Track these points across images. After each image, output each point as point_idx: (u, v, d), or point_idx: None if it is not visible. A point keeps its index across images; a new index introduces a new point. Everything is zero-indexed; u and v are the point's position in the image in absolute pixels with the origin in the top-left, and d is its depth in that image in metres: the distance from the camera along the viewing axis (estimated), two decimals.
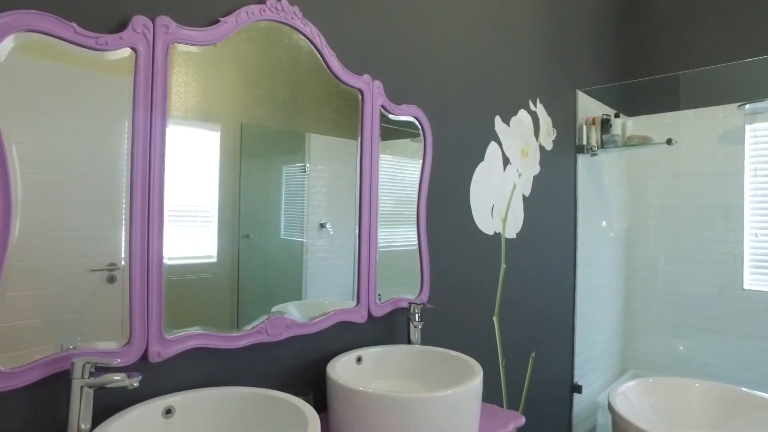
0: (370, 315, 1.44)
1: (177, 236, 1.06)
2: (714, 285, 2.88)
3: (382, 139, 1.50)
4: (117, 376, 0.85)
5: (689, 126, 2.97)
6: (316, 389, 1.32)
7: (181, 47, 1.05)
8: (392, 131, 1.55)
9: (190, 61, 1.07)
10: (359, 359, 1.33)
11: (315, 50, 1.31)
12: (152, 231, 1.00)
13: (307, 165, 1.31)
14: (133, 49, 0.98)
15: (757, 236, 2.78)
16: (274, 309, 1.23)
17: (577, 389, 2.62)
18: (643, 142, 2.63)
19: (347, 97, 1.39)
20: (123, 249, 0.97)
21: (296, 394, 1.19)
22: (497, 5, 2.01)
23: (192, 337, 1.07)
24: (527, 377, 2.23)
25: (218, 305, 1.13)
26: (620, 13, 3.15)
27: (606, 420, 2.76)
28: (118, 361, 0.89)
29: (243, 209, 1.17)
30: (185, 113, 1.07)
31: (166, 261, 1.03)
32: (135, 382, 0.85)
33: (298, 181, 1.29)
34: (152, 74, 1.00)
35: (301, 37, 1.27)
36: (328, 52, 1.32)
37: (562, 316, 2.53)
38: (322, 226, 1.34)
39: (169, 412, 0.98)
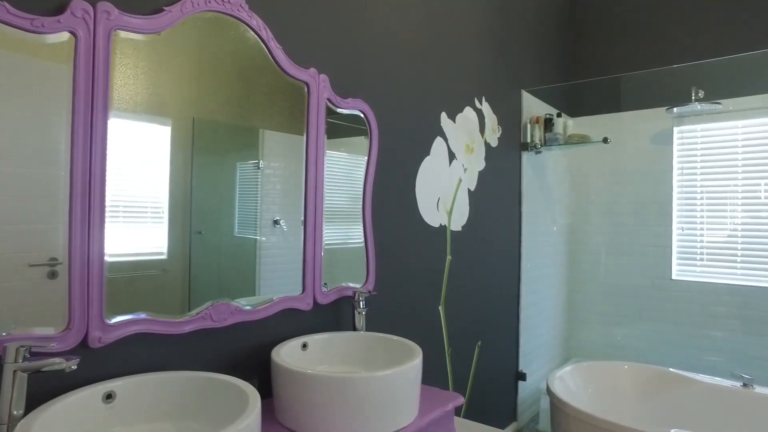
0: (315, 303, 1.47)
1: (124, 232, 1.06)
2: (647, 276, 3.08)
3: (338, 137, 1.55)
4: (54, 360, 0.85)
5: (626, 127, 3.15)
6: (261, 375, 1.35)
7: (124, 35, 1.05)
8: (347, 129, 1.59)
9: (136, 51, 1.07)
10: (305, 345, 1.37)
11: (261, 43, 1.33)
12: (93, 225, 1.00)
13: (261, 162, 1.33)
14: (72, 33, 0.97)
15: (683, 230, 2.98)
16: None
17: (522, 377, 2.74)
18: (582, 140, 2.78)
19: (296, 92, 1.42)
20: (64, 244, 0.97)
21: (242, 379, 1.21)
22: (444, 5, 2.09)
23: (135, 322, 1.07)
24: (473, 365, 2.32)
25: (168, 299, 1.13)
26: (564, 18, 3.31)
27: (548, 405, 2.90)
28: (53, 345, 0.90)
29: (195, 206, 1.18)
30: (134, 105, 1.07)
31: (108, 257, 1.03)
32: (73, 365, 0.85)
33: (252, 178, 1.31)
34: (93, 61, 1.00)
35: (248, 29, 1.29)
36: (274, 45, 1.35)
37: (508, 307, 2.64)
38: (276, 222, 1.37)
39: (109, 397, 0.99)
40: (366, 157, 1.67)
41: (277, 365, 1.18)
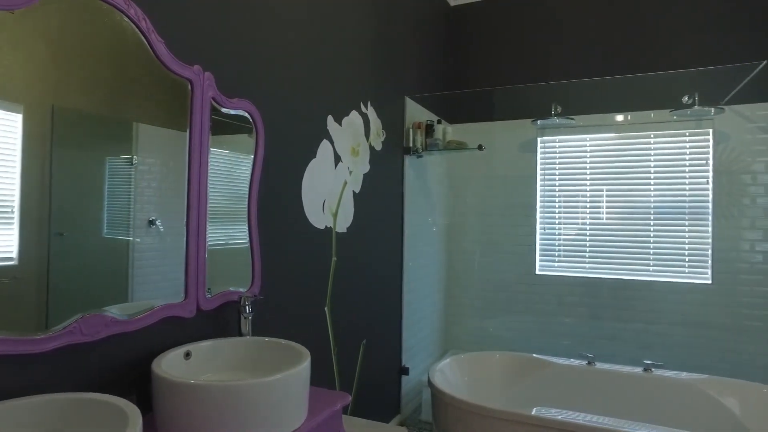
0: (199, 309, 1.42)
1: None
2: (515, 272, 3.39)
3: (221, 134, 1.49)
4: None
5: (498, 135, 3.44)
6: (141, 390, 1.27)
7: None
8: (230, 126, 1.54)
9: None
10: (188, 354, 1.31)
11: (140, 34, 1.25)
12: None
13: (135, 157, 1.24)
14: None
15: (545, 230, 3.34)
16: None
17: (405, 371, 2.87)
18: (460, 146, 2.98)
19: (178, 88, 1.35)
20: None
21: (118, 396, 1.13)
22: (331, 11, 2.11)
23: None
24: (358, 363, 2.38)
25: (21, 312, 1.01)
26: (444, 33, 3.51)
27: (429, 397, 3.07)
28: None
29: (55, 204, 1.06)
30: None
31: None
32: None
33: (124, 175, 1.21)
34: None
35: (125, 18, 1.21)
36: (155, 38, 1.27)
37: (391, 305, 2.75)
38: (152, 223, 1.29)
39: None
40: (250, 156, 1.64)
41: (157, 377, 1.12)
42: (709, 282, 2.93)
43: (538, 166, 3.35)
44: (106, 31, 1.17)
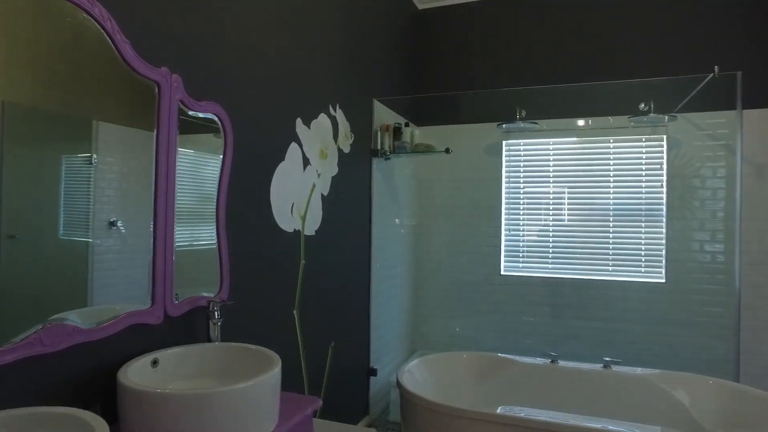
0: (166, 315, 1.39)
1: None
2: (481, 272, 3.45)
3: (184, 133, 1.46)
4: None
5: (464, 138, 3.50)
6: (107, 399, 1.23)
7: None
8: (195, 125, 1.51)
9: None
10: (155, 362, 1.29)
11: (105, 35, 1.21)
12: None
13: (95, 156, 1.20)
14: None
15: (510, 231, 3.41)
16: (50, 319, 1.10)
17: (373, 372, 2.88)
18: (427, 149, 3.01)
19: (143, 88, 1.32)
20: None
21: (82, 408, 1.10)
22: (300, 14, 2.10)
23: None
24: (327, 365, 2.38)
25: None
26: (412, 37, 3.54)
27: (398, 397, 3.09)
28: None
29: (5, 205, 1.02)
30: None
31: None
32: None
33: (82, 174, 1.17)
34: None
35: (89, 18, 1.17)
36: (121, 38, 1.24)
37: (359, 307, 2.76)
38: (113, 224, 1.25)
39: None
40: (216, 156, 1.62)
41: (123, 387, 1.10)
42: (663, 281, 3.07)
43: (503, 169, 3.42)
44: (68, 29, 1.14)
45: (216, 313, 1.47)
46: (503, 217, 3.42)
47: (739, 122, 2.55)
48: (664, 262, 3.07)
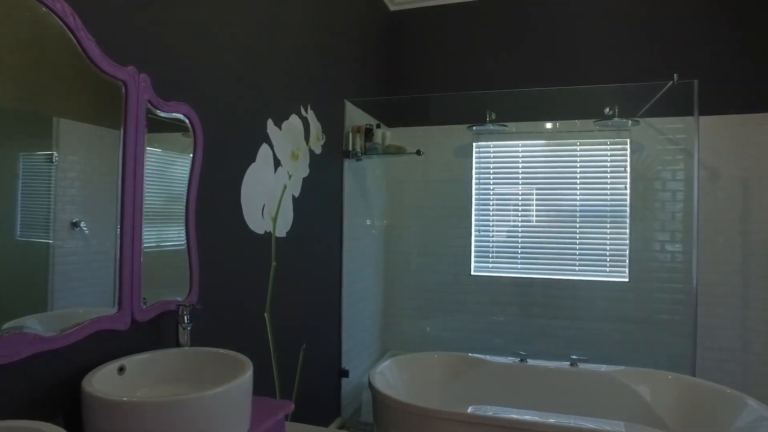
0: (134, 320, 1.35)
1: None
2: (451, 272, 3.49)
3: (151, 131, 1.42)
4: None
5: (435, 139, 3.53)
6: (70, 411, 1.19)
7: None
8: (163, 123, 1.48)
9: None
10: (122, 369, 1.25)
11: (68, 31, 1.17)
12: None
13: (56, 154, 1.16)
14: None
15: (479, 232, 3.46)
16: (7, 325, 1.04)
17: (345, 374, 2.88)
18: (399, 151, 3.02)
19: (110, 87, 1.28)
20: None
21: (43, 419, 1.06)
22: (271, 14, 2.08)
23: None
24: (299, 368, 2.36)
25: None
26: (384, 38, 3.55)
27: (369, 398, 3.09)
28: None
29: None
30: None
31: None
32: None
33: (42, 173, 1.13)
34: None
35: (50, 12, 1.13)
36: (85, 35, 1.20)
37: (331, 308, 2.74)
38: (75, 224, 1.21)
39: None
40: (184, 156, 1.58)
41: (88, 396, 1.06)
42: (627, 280, 3.17)
43: (473, 170, 3.47)
44: (29, 25, 1.09)
45: (186, 317, 1.44)
46: (473, 218, 3.46)
47: (696, 128, 2.66)
48: (627, 261, 3.17)
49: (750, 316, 2.97)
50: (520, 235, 3.37)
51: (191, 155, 1.60)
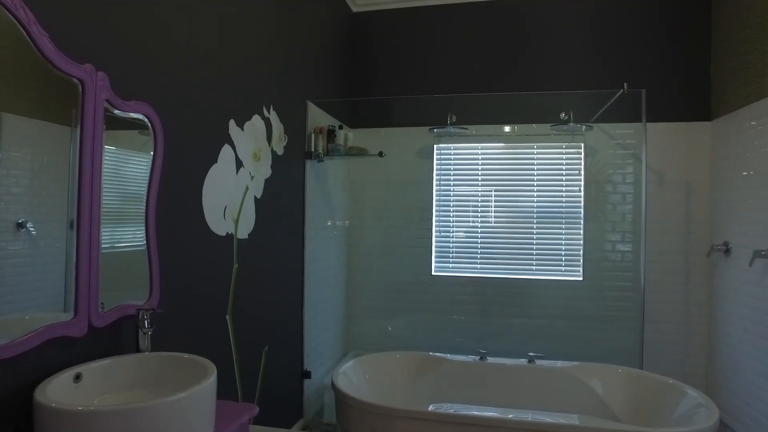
0: (91, 326, 1.30)
1: None
2: (413, 273, 3.53)
3: (109, 129, 1.37)
4: None
5: (397, 141, 3.56)
6: (21, 423, 1.14)
7: None
8: (119, 121, 1.43)
9: None
10: (78, 377, 1.20)
11: (19, 25, 1.12)
12: None
13: None
14: None
15: (440, 232, 3.52)
16: None
17: (307, 375, 2.86)
18: (361, 153, 3.03)
19: (65, 84, 1.24)
20: None
21: None
22: (234, 14, 2.05)
23: None
24: (261, 370, 2.33)
25: None
26: (346, 40, 3.55)
27: (332, 399, 3.09)
28: None
29: None
30: None
31: None
32: None
33: None
34: None
35: None
36: (37, 30, 1.15)
37: (293, 310, 2.73)
38: (21, 225, 1.15)
39: None
40: (142, 154, 1.54)
41: (41, 406, 1.02)
42: (581, 278, 3.29)
43: (434, 172, 3.52)
44: None
45: (146, 322, 1.40)
46: (434, 218, 3.51)
47: (644, 134, 2.81)
48: (581, 261, 3.30)
49: (691, 311, 3.15)
50: (479, 235, 3.45)
51: (151, 155, 1.56)
